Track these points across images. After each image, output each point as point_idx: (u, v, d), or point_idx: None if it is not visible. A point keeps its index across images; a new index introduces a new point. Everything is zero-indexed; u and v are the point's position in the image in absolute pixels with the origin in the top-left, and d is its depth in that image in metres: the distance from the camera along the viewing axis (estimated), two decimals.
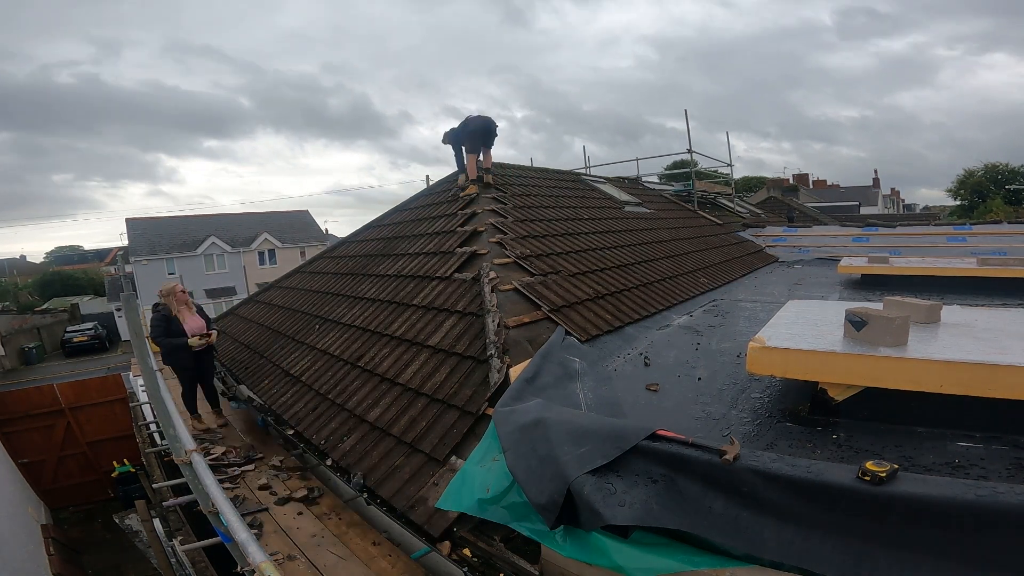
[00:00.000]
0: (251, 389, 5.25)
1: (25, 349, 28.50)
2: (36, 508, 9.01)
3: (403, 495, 2.90)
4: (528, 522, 2.19)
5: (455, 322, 4.10)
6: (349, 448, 3.51)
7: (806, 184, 44.85)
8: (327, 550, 3.09)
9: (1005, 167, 39.25)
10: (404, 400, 3.65)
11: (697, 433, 2.47)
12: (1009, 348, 2.40)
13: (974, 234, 9.19)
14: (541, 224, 6.12)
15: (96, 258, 64.85)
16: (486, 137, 6.57)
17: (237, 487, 3.97)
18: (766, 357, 2.66)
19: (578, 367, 3.40)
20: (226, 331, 7.75)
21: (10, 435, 9.69)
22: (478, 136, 6.56)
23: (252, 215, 40.63)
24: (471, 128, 6.57)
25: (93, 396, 10.36)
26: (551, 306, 4.16)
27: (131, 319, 3.46)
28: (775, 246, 10.84)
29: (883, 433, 2.43)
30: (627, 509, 1.84)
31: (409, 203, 8.10)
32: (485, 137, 6.56)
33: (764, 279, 7.69)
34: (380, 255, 6.58)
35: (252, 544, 2.42)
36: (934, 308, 2.97)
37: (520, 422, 2.39)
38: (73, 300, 40.72)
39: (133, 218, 36.41)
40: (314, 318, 6.04)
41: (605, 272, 5.41)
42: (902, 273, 6.22)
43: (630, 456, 2.01)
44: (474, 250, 4.97)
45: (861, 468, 1.63)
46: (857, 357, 2.47)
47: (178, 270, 31.43)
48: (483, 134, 6.54)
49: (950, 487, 1.55)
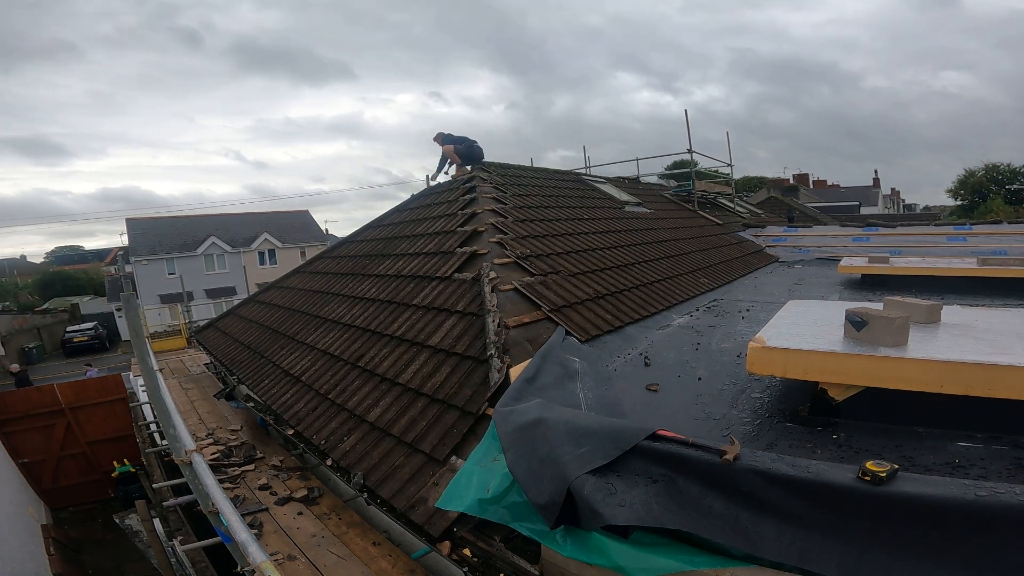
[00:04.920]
0: (251, 389, 5.25)
1: (25, 349, 28.52)
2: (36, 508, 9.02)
3: (403, 495, 2.90)
4: (528, 522, 2.19)
5: (455, 322, 4.10)
6: (349, 448, 3.51)
7: (806, 184, 44.85)
8: (327, 550, 3.10)
9: (1006, 167, 39.25)
10: (404, 400, 3.65)
11: (697, 433, 2.47)
12: (1009, 348, 2.40)
13: (974, 234, 9.18)
14: (541, 224, 6.12)
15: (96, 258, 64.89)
16: (476, 162, 8.07)
17: (237, 487, 3.97)
18: (766, 357, 2.66)
19: (578, 367, 3.40)
20: (226, 331, 7.76)
21: (10, 435, 9.70)
22: (475, 159, 8.01)
23: (252, 215, 40.67)
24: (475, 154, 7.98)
25: (93, 396, 10.37)
26: (551, 306, 4.16)
27: (131, 319, 3.45)
28: (775, 246, 10.84)
29: (883, 433, 2.43)
30: (627, 509, 1.84)
31: (409, 203, 8.12)
32: (476, 161, 8.06)
33: (764, 279, 7.69)
34: (380, 255, 6.59)
35: (252, 544, 2.42)
36: (934, 308, 2.97)
37: (520, 422, 2.39)
38: (73, 300, 40.73)
39: (133, 218, 36.42)
40: (314, 318, 6.04)
41: (605, 272, 5.41)
42: (902, 273, 6.22)
43: (630, 456, 2.01)
44: (474, 250, 4.97)
45: (861, 468, 1.63)
46: (857, 357, 2.47)
47: (178, 270, 31.41)
48: (477, 159, 8.04)
49: (950, 487, 1.55)
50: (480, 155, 8.01)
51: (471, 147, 7.94)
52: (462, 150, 7.90)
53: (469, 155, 7.91)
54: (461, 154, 7.90)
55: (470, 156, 7.92)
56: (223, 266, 35.46)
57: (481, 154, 8.03)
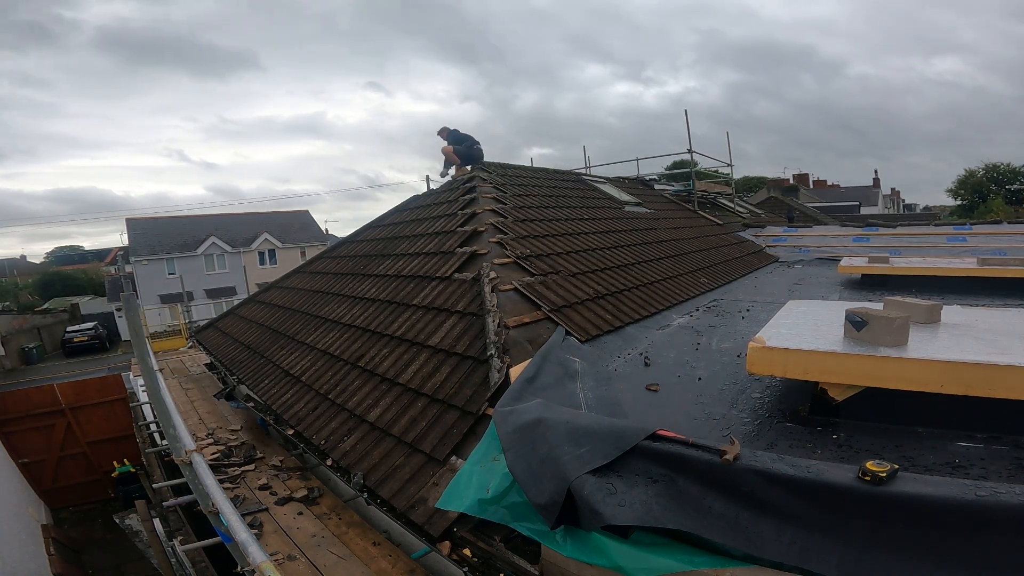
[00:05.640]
0: (251, 389, 5.25)
1: (25, 349, 28.52)
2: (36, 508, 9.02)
3: (403, 495, 2.90)
4: (528, 522, 2.19)
5: (455, 322, 4.10)
6: (349, 448, 3.51)
7: (806, 184, 44.86)
8: (327, 550, 3.10)
9: (1006, 167, 39.27)
10: (404, 400, 3.65)
11: (697, 433, 2.47)
12: (1009, 348, 2.40)
13: (974, 234, 9.18)
14: (541, 224, 6.12)
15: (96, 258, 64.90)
16: (476, 162, 8.08)
17: (237, 487, 3.97)
18: (766, 357, 2.66)
19: (578, 367, 3.40)
20: (226, 331, 7.76)
21: (10, 435, 9.70)
22: (475, 159, 8.02)
23: (252, 215, 40.70)
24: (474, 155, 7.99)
25: (93, 396, 10.37)
26: (551, 306, 4.16)
27: (131, 319, 3.45)
28: (775, 246, 10.84)
29: (883, 433, 2.43)
30: (627, 509, 1.84)
31: (409, 203, 8.12)
32: (476, 162, 8.07)
33: (764, 279, 7.69)
34: (380, 255, 6.59)
35: (252, 544, 2.42)
36: (934, 308, 2.97)
37: (520, 422, 2.39)
38: (73, 300, 40.74)
39: (133, 218, 36.43)
40: (314, 318, 6.04)
41: (605, 272, 5.41)
42: (902, 273, 6.22)
43: (630, 456, 2.01)
44: (474, 250, 4.97)
45: (861, 468, 1.63)
46: (857, 357, 2.47)
47: (178, 270, 31.44)
48: (477, 159, 8.03)
49: (950, 487, 1.55)
50: (480, 155, 8.02)
51: (471, 147, 7.96)
52: (461, 150, 7.92)
53: (468, 155, 7.94)
54: (460, 154, 7.93)
55: (469, 156, 7.94)
56: (223, 266, 35.47)
57: (481, 154, 8.04)
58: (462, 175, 7.67)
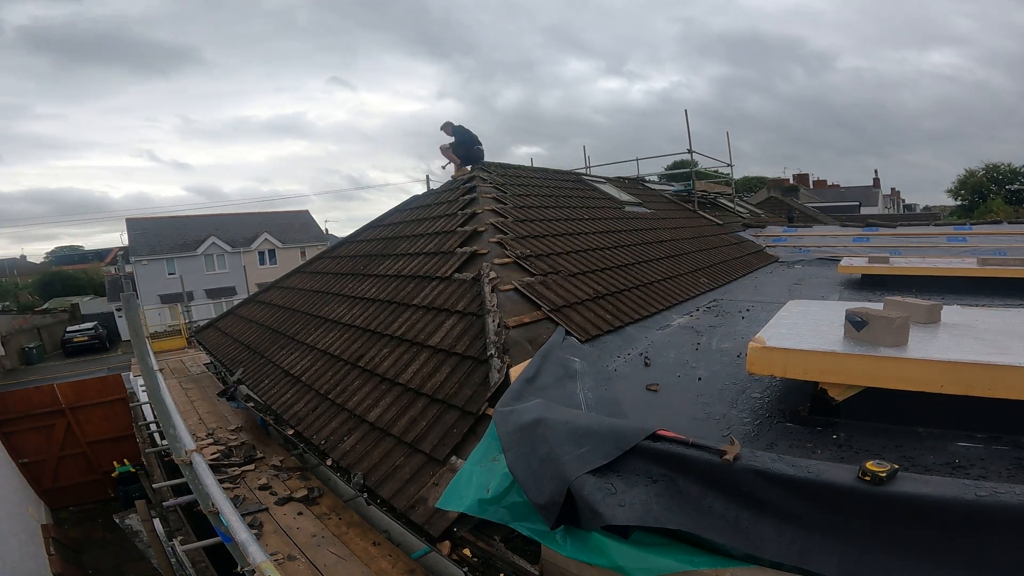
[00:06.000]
0: (251, 389, 5.25)
1: (25, 349, 28.51)
2: (36, 508, 9.02)
3: (403, 495, 2.90)
4: (528, 522, 2.19)
5: (455, 322, 4.10)
6: (349, 448, 3.51)
7: (806, 184, 44.86)
8: (327, 550, 3.10)
9: (1006, 167, 39.27)
10: (404, 400, 3.65)
11: (697, 433, 2.47)
12: (1009, 348, 2.40)
13: (974, 234, 9.18)
14: (541, 224, 6.12)
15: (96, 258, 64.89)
16: (476, 162, 8.03)
17: (237, 487, 3.97)
18: (766, 357, 2.66)
19: (578, 367, 3.40)
20: (226, 331, 7.76)
21: (10, 435, 9.70)
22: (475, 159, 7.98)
23: (252, 215, 40.70)
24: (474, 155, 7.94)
25: (93, 396, 10.36)
26: (551, 306, 4.16)
27: (131, 319, 3.45)
28: (775, 246, 10.84)
29: (883, 433, 2.43)
30: (627, 509, 1.84)
31: (409, 203, 8.12)
32: (476, 162, 8.02)
33: (764, 279, 7.69)
34: (380, 255, 6.59)
35: (252, 544, 2.42)
36: (934, 308, 2.97)
37: (520, 422, 2.39)
38: (73, 300, 40.74)
39: (133, 218, 36.42)
40: (314, 318, 6.04)
41: (605, 272, 5.41)
42: (902, 273, 6.21)
43: (630, 456, 2.01)
44: (474, 250, 4.97)
45: (861, 468, 1.63)
46: (857, 357, 2.47)
47: (178, 270, 31.42)
48: (477, 159, 7.99)
49: (950, 487, 1.55)
50: (480, 156, 8.01)
51: (471, 148, 7.94)
52: (461, 151, 7.91)
53: (468, 156, 7.93)
54: (460, 155, 7.93)
55: (469, 157, 7.93)
56: (223, 266, 35.46)
57: (481, 155, 8.03)
58: (462, 175, 7.67)
